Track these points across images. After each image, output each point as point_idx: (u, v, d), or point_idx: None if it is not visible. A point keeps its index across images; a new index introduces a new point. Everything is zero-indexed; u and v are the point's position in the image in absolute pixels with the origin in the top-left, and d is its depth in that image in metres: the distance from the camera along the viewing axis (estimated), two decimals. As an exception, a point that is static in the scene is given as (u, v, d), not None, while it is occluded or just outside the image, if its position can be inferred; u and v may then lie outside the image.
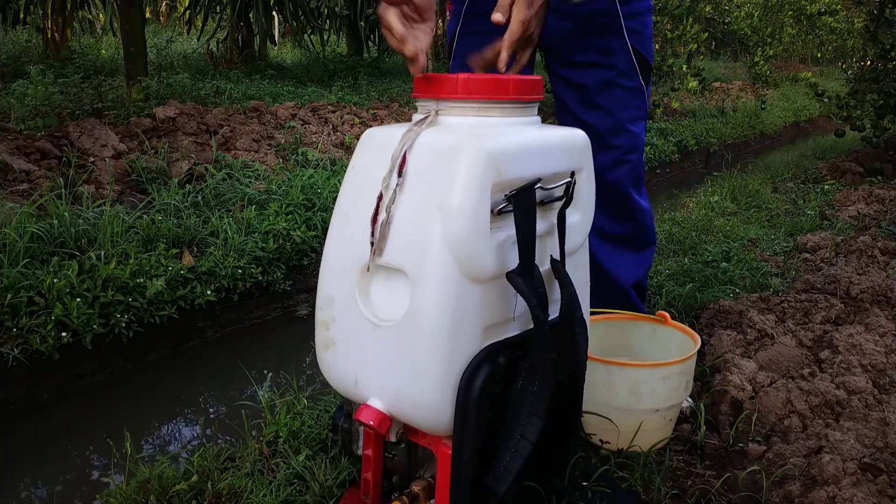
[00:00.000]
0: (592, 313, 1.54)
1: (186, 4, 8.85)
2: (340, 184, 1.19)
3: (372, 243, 1.01)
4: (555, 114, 1.70)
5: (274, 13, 8.26)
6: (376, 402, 1.05)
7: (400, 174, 0.99)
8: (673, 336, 1.55)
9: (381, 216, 1.00)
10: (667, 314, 1.57)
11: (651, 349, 1.58)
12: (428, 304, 0.96)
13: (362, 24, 8.45)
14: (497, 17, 1.17)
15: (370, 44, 9.25)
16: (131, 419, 2.45)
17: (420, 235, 0.97)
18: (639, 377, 1.37)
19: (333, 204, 1.11)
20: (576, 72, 1.58)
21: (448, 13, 1.61)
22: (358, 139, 1.09)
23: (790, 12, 10.10)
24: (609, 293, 1.68)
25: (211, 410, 2.62)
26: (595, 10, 1.50)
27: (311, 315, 1.32)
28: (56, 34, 6.23)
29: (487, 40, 1.20)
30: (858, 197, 3.76)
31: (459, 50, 1.57)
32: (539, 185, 1.00)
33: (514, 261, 1.00)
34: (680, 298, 2.21)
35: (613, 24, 1.52)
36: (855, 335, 1.71)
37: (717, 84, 9.96)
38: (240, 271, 2.96)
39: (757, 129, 8.48)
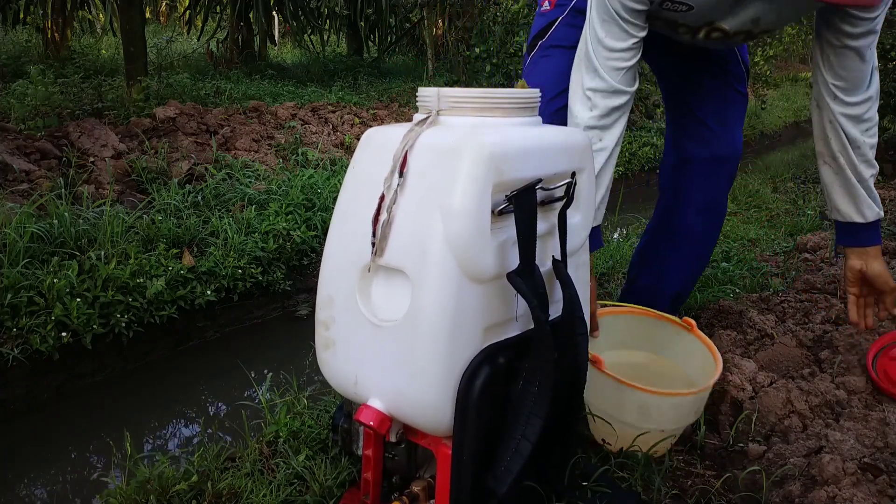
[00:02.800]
0: (617, 306, 1.56)
1: (186, 4, 8.86)
2: (340, 184, 1.19)
3: (373, 243, 1.01)
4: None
5: (274, 13, 8.26)
6: (376, 403, 1.05)
7: (401, 174, 0.99)
8: (696, 347, 1.49)
9: (383, 216, 1.00)
10: (693, 322, 1.51)
11: (673, 351, 1.54)
12: (428, 304, 0.96)
13: (362, 24, 8.45)
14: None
15: (370, 44, 9.26)
16: (131, 419, 2.44)
17: (421, 235, 0.97)
18: (649, 401, 1.32)
19: (333, 204, 1.11)
20: (693, 74, 1.72)
21: (548, 3, 1.67)
22: (358, 139, 1.09)
23: (790, 12, 10.07)
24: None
25: (211, 410, 2.62)
26: None
27: (311, 315, 1.32)
28: (56, 34, 6.23)
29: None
30: (858, 197, 3.74)
31: (558, 34, 1.63)
32: (540, 185, 1.00)
33: (514, 261, 1.00)
34: (680, 298, 2.21)
35: None
36: (855, 335, 1.71)
37: (717, 84, 9.93)
38: (240, 271, 2.96)
39: (757, 129, 8.48)
